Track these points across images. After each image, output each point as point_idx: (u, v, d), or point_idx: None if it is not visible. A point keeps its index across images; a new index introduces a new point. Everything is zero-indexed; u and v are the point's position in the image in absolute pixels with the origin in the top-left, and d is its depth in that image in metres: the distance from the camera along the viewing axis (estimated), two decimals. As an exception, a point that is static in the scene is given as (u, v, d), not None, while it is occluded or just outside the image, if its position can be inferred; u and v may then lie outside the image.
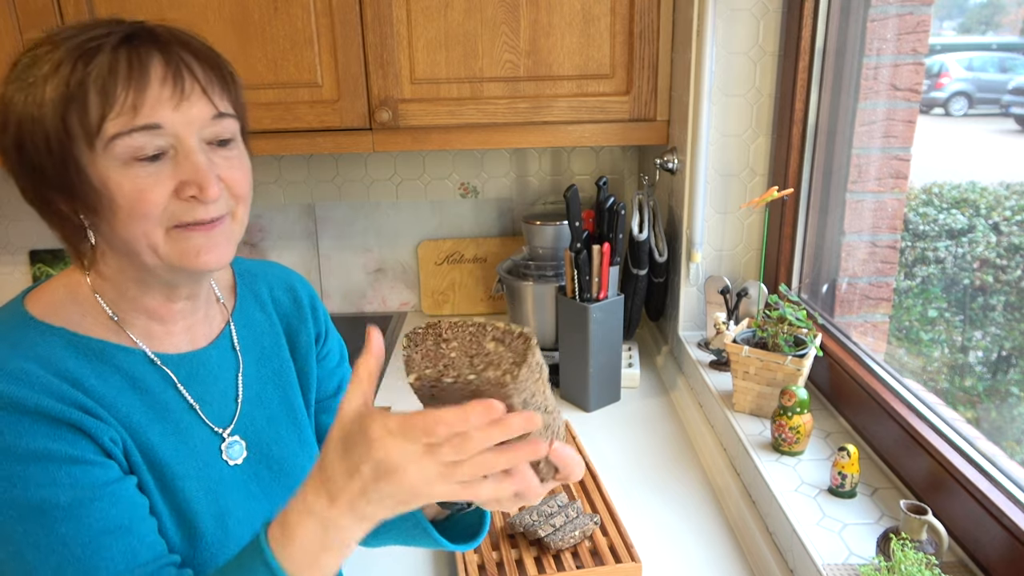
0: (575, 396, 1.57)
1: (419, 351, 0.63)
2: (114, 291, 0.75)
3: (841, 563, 0.93)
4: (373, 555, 1.13)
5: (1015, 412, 1.15)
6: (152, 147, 0.68)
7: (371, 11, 1.58)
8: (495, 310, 2.15)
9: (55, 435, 0.66)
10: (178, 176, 0.69)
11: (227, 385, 0.82)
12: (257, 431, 0.82)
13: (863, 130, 1.33)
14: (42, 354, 0.69)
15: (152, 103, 0.67)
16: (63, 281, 0.76)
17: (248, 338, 0.86)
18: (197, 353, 0.80)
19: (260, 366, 0.86)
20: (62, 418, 0.66)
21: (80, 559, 0.65)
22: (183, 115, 0.69)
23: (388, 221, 2.13)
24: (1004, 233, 1.23)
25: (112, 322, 0.75)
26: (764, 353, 1.26)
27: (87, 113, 0.65)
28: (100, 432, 0.68)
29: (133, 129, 0.66)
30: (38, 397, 0.66)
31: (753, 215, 1.55)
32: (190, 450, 0.76)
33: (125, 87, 0.66)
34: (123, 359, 0.74)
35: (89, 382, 0.70)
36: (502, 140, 1.69)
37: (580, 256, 1.47)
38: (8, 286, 2.17)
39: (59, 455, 0.66)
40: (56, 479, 0.65)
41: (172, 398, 0.77)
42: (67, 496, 0.65)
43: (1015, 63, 1.44)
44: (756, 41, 1.45)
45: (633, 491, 1.26)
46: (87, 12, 1.57)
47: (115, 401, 0.71)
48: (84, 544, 0.65)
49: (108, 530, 0.67)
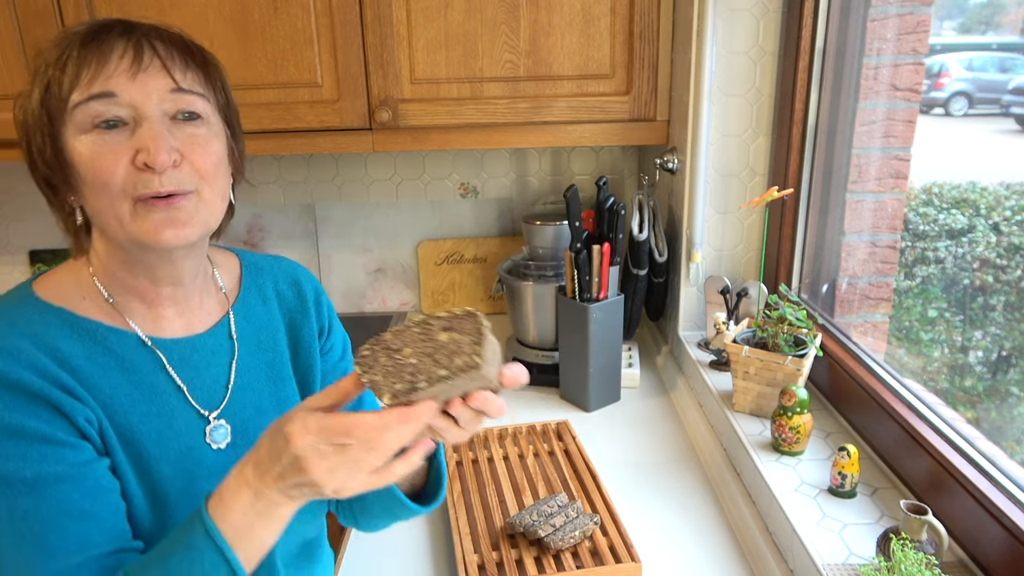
0: (575, 396, 1.57)
1: (379, 371, 0.63)
2: (106, 274, 0.79)
3: (841, 563, 0.93)
4: (373, 556, 1.13)
5: (1015, 412, 1.15)
6: (109, 114, 0.71)
7: (371, 11, 1.58)
8: (495, 310, 2.16)
9: (32, 412, 0.69)
10: (134, 145, 0.72)
11: (219, 371, 0.84)
12: (244, 418, 0.84)
13: (863, 130, 1.33)
14: (38, 332, 0.73)
15: (108, 74, 0.71)
16: (70, 266, 0.81)
17: (247, 329, 0.88)
18: (192, 339, 0.83)
19: (255, 357, 0.88)
20: (41, 395, 0.70)
21: (37, 536, 0.68)
22: (140, 86, 0.72)
23: (388, 221, 2.13)
24: (1004, 233, 1.23)
25: (108, 305, 0.79)
26: (764, 353, 1.26)
27: (61, 92, 0.71)
28: (76, 412, 0.71)
29: (90, 97, 0.71)
30: (21, 372, 0.69)
31: (753, 215, 1.55)
32: (174, 432, 0.79)
33: (88, 65, 0.71)
34: (115, 341, 0.77)
35: (77, 361, 0.74)
36: (502, 140, 1.69)
37: (580, 256, 1.47)
38: (8, 286, 2.17)
39: (32, 432, 0.69)
40: (26, 454, 0.68)
41: (161, 380, 0.79)
42: (33, 472, 0.68)
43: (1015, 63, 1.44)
44: (756, 41, 1.45)
45: (633, 491, 1.26)
46: (87, 12, 1.57)
47: (100, 381, 0.75)
48: (43, 521, 0.68)
49: (68, 512, 0.69)
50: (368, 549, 1.14)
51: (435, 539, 1.16)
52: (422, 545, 1.15)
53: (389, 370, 0.63)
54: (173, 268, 0.79)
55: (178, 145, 0.74)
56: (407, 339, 0.64)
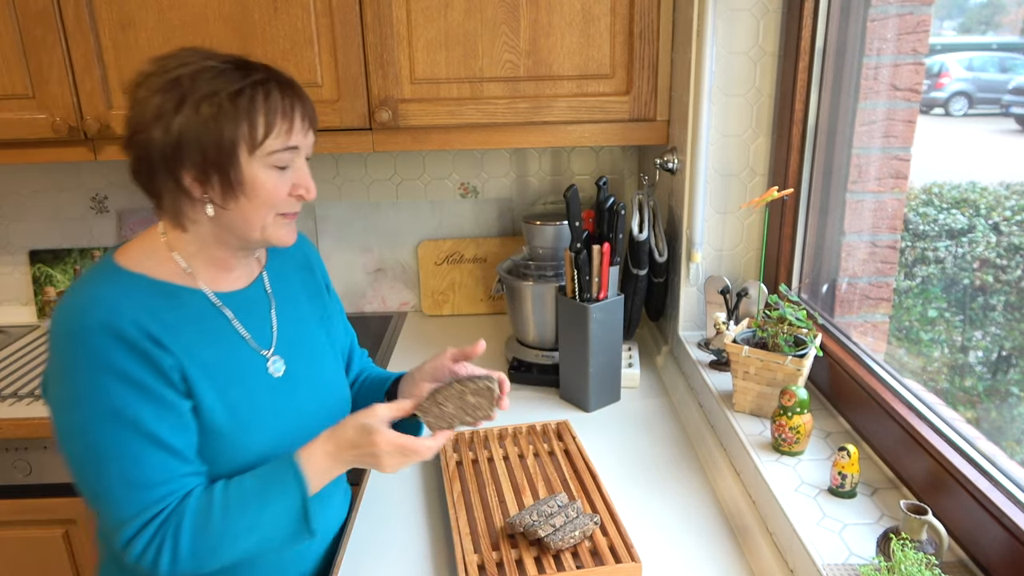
0: (575, 396, 1.57)
1: (431, 417, 1.04)
2: (197, 247, 1.00)
3: (841, 563, 0.93)
4: (373, 556, 1.13)
5: (1015, 412, 1.15)
6: (287, 160, 0.98)
7: (371, 11, 1.58)
8: (495, 310, 2.16)
9: (132, 359, 0.90)
10: (293, 180, 0.99)
11: (264, 319, 1.08)
12: (292, 353, 1.09)
13: (863, 130, 1.33)
14: (129, 294, 0.94)
15: (296, 132, 0.97)
16: (139, 244, 1.01)
17: (275, 284, 1.12)
18: (243, 291, 1.06)
19: (286, 305, 1.12)
20: (138, 345, 0.90)
21: (133, 458, 0.90)
22: (307, 141, 1.01)
23: (388, 221, 2.13)
24: (1004, 233, 1.23)
25: (181, 270, 1.00)
26: (764, 353, 1.26)
27: (255, 130, 0.93)
28: (163, 361, 0.92)
29: (286, 148, 0.96)
30: (125, 325, 0.90)
31: (753, 215, 1.55)
32: (240, 365, 1.02)
33: (283, 118, 0.95)
34: (189, 298, 0.99)
35: (161, 316, 0.94)
36: (502, 140, 1.69)
37: (580, 256, 1.47)
38: (8, 286, 2.17)
39: (133, 377, 0.90)
40: (128, 395, 0.89)
41: (225, 328, 1.02)
42: (134, 411, 0.89)
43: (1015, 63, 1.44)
44: (756, 41, 1.45)
45: (633, 491, 1.26)
46: (87, 13, 1.57)
47: (179, 331, 0.95)
48: (139, 448, 0.90)
49: (156, 443, 0.91)
50: (368, 549, 1.14)
51: (435, 539, 1.16)
52: (422, 545, 1.15)
53: (439, 417, 1.05)
54: (256, 249, 1.07)
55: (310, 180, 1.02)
56: (449, 396, 1.04)
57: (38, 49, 1.60)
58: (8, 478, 1.66)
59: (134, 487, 0.90)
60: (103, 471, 0.90)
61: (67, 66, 1.61)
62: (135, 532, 0.90)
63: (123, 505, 0.90)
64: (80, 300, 0.92)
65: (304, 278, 1.18)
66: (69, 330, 0.90)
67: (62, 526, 1.70)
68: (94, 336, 0.89)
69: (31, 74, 1.62)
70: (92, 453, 0.90)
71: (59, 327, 0.91)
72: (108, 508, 0.91)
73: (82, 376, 0.89)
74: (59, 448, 0.92)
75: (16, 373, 1.80)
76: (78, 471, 0.92)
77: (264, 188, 0.96)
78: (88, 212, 2.12)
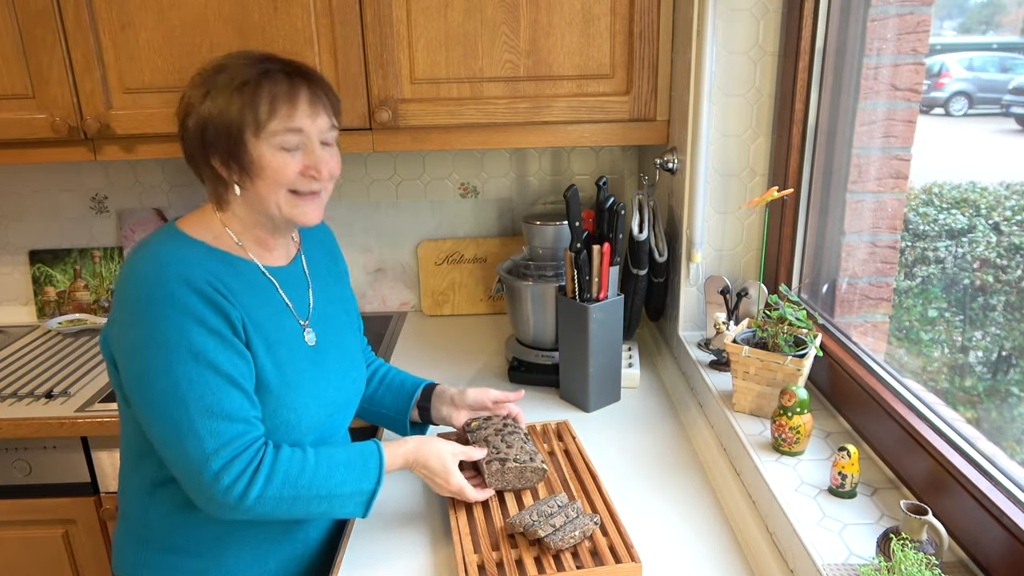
0: (575, 396, 1.57)
1: (493, 478, 1.19)
2: (240, 224, 1.10)
3: (841, 563, 0.93)
4: (373, 556, 1.13)
5: (1015, 412, 1.15)
6: (294, 142, 1.04)
7: (371, 11, 1.58)
8: (495, 310, 2.16)
9: (207, 308, 0.99)
10: (304, 162, 1.06)
11: (303, 295, 1.18)
12: (323, 326, 1.19)
13: (863, 130, 1.33)
14: (199, 256, 1.04)
15: (299, 115, 1.04)
16: (198, 217, 1.10)
17: (311, 265, 1.23)
18: (286, 267, 1.17)
19: (317, 285, 1.22)
20: (211, 298, 0.99)
21: (215, 393, 0.98)
22: (315, 125, 1.06)
23: (388, 221, 2.13)
24: (1004, 233, 1.23)
25: (234, 243, 1.10)
26: (764, 353, 1.26)
27: (258, 114, 1.01)
28: (231, 313, 1.01)
29: (287, 129, 1.03)
30: (199, 279, 0.99)
31: (753, 215, 1.55)
32: (285, 330, 1.11)
33: (285, 103, 1.03)
34: (243, 266, 1.09)
35: (225, 277, 1.04)
36: (502, 140, 1.69)
37: (580, 256, 1.47)
38: (8, 286, 2.17)
39: (209, 323, 0.98)
40: (207, 339, 0.98)
41: (273, 295, 1.12)
42: (213, 353, 0.98)
43: (1015, 63, 1.44)
44: (756, 41, 1.45)
45: (633, 491, 1.26)
46: (87, 13, 1.57)
47: (239, 292, 1.05)
48: (218, 385, 0.98)
49: (233, 382, 1.00)
50: (368, 549, 1.14)
51: (435, 539, 1.16)
52: (422, 545, 1.15)
53: (498, 479, 1.20)
54: (288, 230, 1.15)
55: (324, 162, 1.08)
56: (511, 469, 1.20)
57: (38, 49, 1.60)
58: (8, 478, 1.66)
59: (219, 419, 0.98)
60: (188, 406, 0.96)
61: (67, 66, 1.61)
62: (227, 460, 0.97)
63: (209, 438, 0.97)
64: (155, 255, 1.01)
65: (329, 264, 1.28)
66: (147, 281, 0.98)
67: (62, 526, 1.70)
68: (172, 285, 0.97)
69: (31, 74, 1.62)
70: (176, 390, 0.96)
71: (135, 279, 0.99)
72: (192, 444, 0.97)
73: (162, 321, 0.96)
74: (135, 399, 1.00)
75: (16, 373, 1.80)
76: (160, 412, 0.97)
77: (271, 167, 1.03)
78: (88, 212, 2.12)
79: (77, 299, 2.15)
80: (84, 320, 2.09)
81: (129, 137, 1.67)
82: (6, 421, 1.58)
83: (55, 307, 2.16)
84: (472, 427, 1.29)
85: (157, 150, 1.69)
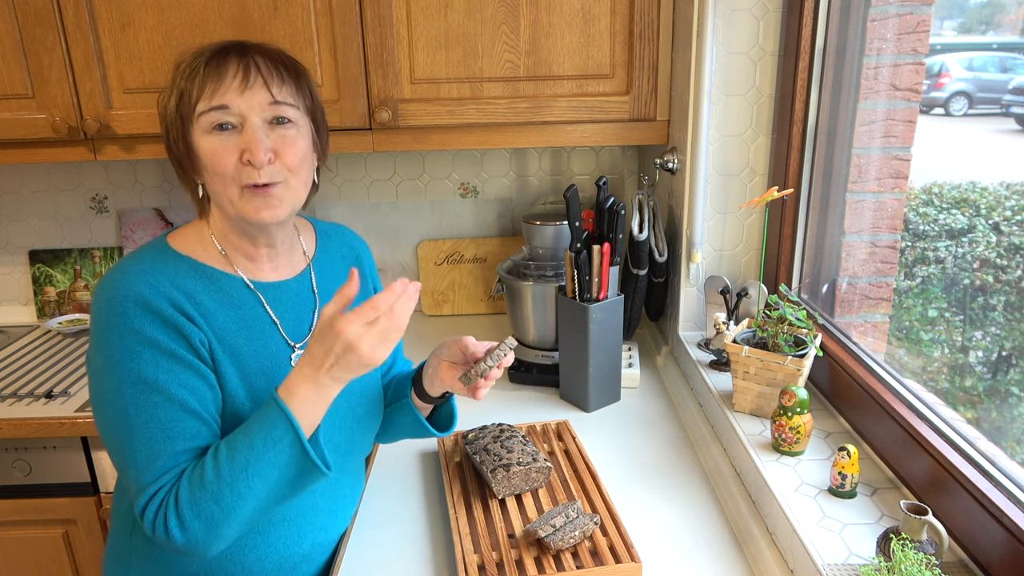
0: (575, 396, 1.57)
1: (501, 485, 1.18)
2: (220, 234, 1.04)
3: (841, 563, 0.93)
4: (374, 556, 1.13)
5: (1015, 412, 1.15)
6: (220, 121, 0.94)
7: (371, 11, 1.58)
8: (495, 310, 2.16)
9: (164, 331, 0.93)
10: (241, 145, 0.95)
11: (305, 315, 1.09)
12: None
13: (863, 130, 1.33)
14: (171, 272, 0.98)
15: (223, 91, 0.94)
16: (195, 225, 1.05)
17: (322, 282, 1.13)
18: (281, 283, 1.08)
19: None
20: (170, 320, 0.94)
21: (162, 423, 0.91)
22: (246, 100, 0.95)
23: (388, 221, 2.13)
24: (1004, 233, 1.23)
25: (222, 256, 1.03)
26: (764, 353, 1.26)
27: (190, 101, 0.94)
28: (193, 335, 0.95)
29: (211, 108, 0.94)
30: (160, 300, 0.94)
31: (753, 215, 1.55)
32: (268, 352, 1.03)
33: (211, 81, 0.94)
34: (227, 282, 1.02)
35: (198, 297, 0.98)
36: (502, 140, 1.69)
37: (580, 256, 1.47)
38: (8, 286, 2.17)
39: (163, 346, 0.93)
40: (159, 362, 0.92)
41: (260, 313, 1.04)
42: (164, 378, 0.92)
43: (1015, 63, 1.44)
44: (756, 41, 1.45)
45: (633, 491, 1.26)
46: (87, 13, 1.57)
47: (215, 312, 0.99)
48: (167, 413, 0.92)
49: (185, 409, 0.93)
50: (369, 549, 1.14)
51: (435, 539, 1.16)
52: (422, 545, 1.15)
53: (505, 481, 1.19)
54: (267, 236, 1.04)
55: (272, 145, 0.97)
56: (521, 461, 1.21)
57: (38, 49, 1.60)
58: (8, 478, 1.66)
59: (159, 454, 0.91)
60: (131, 436, 0.91)
61: (67, 66, 1.61)
62: (147, 499, 0.90)
63: (145, 471, 0.91)
64: (120, 273, 0.96)
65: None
66: (105, 300, 0.94)
67: (62, 526, 1.70)
68: (126, 305, 0.93)
69: (31, 74, 1.62)
70: (122, 418, 0.92)
71: (97, 297, 0.96)
72: (132, 475, 0.92)
73: (113, 343, 0.92)
74: (95, 419, 0.96)
75: (16, 373, 1.80)
76: (109, 438, 0.94)
77: (204, 154, 0.95)
78: (88, 212, 2.12)
79: (77, 299, 2.15)
80: (84, 320, 2.09)
81: (129, 137, 1.67)
82: (6, 421, 1.58)
83: (55, 307, 2.16)
84: (470, 438, 1.30)
85: (157, 150, 1.69)
